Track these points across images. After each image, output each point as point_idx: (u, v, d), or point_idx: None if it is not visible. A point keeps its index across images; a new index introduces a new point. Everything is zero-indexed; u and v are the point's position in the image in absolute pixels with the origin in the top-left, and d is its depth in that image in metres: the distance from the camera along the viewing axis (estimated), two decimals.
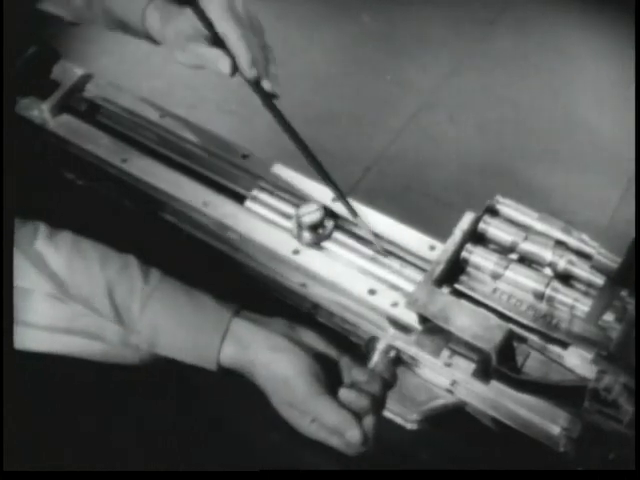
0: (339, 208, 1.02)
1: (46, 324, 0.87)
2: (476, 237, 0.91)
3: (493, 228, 0.90)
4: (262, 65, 0.99)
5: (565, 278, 0.86)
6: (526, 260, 0.89)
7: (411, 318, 0.89)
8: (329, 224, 1.01)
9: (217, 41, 0.98)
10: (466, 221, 0.92)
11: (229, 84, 1.06)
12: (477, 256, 0.89)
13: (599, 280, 0.84)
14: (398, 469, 0.92)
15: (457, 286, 0.90)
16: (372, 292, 0.96)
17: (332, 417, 0.85)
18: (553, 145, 2.45)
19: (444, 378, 0.94)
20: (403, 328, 0.94)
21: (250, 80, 0.99)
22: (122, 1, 1.06)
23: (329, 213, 1.02)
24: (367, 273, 0.98)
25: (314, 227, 1.00)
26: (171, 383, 0.96)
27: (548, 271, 0.88)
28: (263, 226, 1.03)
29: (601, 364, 0.76)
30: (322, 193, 1.04)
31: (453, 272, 0.90)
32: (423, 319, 0.86)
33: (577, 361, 0.82)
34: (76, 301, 0.87)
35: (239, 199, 1.07)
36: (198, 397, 0.98)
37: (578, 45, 2.85)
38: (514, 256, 0.90)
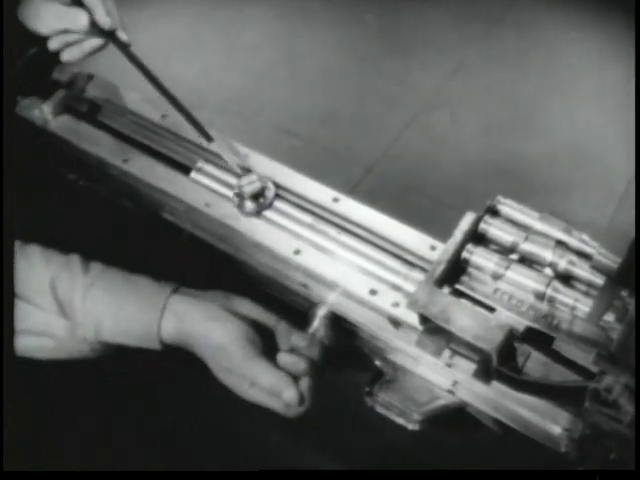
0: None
1: None
2: (477, 237, 0.91)
3: (494, 228, 0.90)
4: (116, 17, 1.03)
5: (566, 278, 0.86)
6: (527, 260, 0.89)
7: (412, 318, 0.89)
8: (269, 193, 1.04)
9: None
10: (467, 221, 0.92)
11: (231, 84, 1.06)
12: (478, 256, 0.89)
13: (600, 280, 0.83)
14: (398, 469, 0.92)
15: (458, 286, 0.90)
16: (373, 292, 0.96)
17: (268, 378, 0.88)
18: (554, 145, 2.45)
19: (445, 379, 0.94)
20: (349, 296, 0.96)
21: (107, 31, 1.03)
22: None
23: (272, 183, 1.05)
24: (368, 273, 0.98)
25: (255, 196, 1.03)
26: (171, 384, 0.96)
27: (549, 271, 0.88)
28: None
29: (602, 364, 0.76)
30: (322, 193, 1.05)
31: (454, 272, 0.90)
32: (424, 319, 0.86)
33: None
34: (21, 299, 0.90)
35: (185, 170, 1.09)
36: (198, 397, 0.98)
37: (580, 45, 2.85)
38: (515, 256, 0.90)
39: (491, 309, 0.88)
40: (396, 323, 0.94)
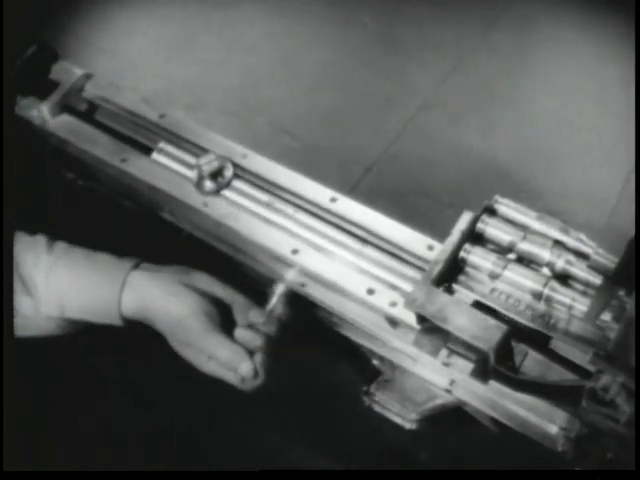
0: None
1: None
2: (474, 237, 0.91)
3: (491, 228, 0.90)
4: None
5: (563, 278, 0.86)
6: (524, 260, 0.89)
7: (410, 317, 0.89)
8: (228, 173, 1.06)
9: None
10: (464, 221, 0.92)
11: (229, 84, 1.06)
12: (475, 256, 0.89)
13: (597, 280, 0.84)
14: (398, 469, 0.92)
15: (455, 286, 0.90)
16: (371, 292, 0.96)
17: (224, 352, 0.90)
18: (552, 145, 2.45)
19: (442, 378, 0.94)
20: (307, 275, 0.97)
21: None
22: None
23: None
24: (365, 272, 0.98)
25: (214, 175, 1.05)
26: (171, 384, 0.96)
27: (546, 271, 0.88)
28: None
29: (599, 364, 0.76)
30: (321, 192, 1.05)
31: (451, 272, 0.90)
32: (421, 319, 0.86)
33: None
34: None
35: (146, 151, 1.12)
36: (197, 397, 0.98)
37: (579, 45, 2.85)
38: (512, 256, 0.90)
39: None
40: (393, 322, 0.95)
